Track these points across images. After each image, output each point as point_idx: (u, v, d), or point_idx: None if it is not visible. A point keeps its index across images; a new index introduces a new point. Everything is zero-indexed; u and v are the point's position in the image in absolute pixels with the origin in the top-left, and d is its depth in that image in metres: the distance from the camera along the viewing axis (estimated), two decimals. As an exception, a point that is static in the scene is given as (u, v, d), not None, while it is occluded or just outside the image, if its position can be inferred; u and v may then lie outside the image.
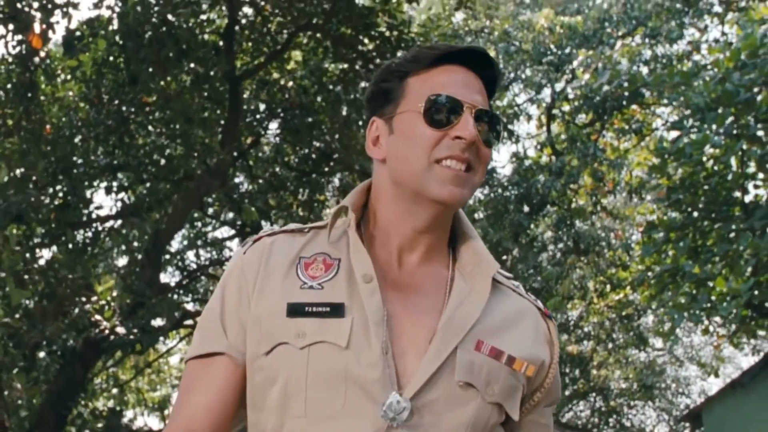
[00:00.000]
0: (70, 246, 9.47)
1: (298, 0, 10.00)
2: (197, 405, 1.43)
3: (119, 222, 10.88)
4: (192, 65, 9.62)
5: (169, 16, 8.98)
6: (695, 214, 9.62)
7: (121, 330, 8.07)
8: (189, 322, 13.20)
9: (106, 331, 8.12)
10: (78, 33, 8.72)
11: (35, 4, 7.99)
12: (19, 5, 7.96)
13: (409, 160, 1.42)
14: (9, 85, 8.88)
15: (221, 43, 10.29)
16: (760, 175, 9.44)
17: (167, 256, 13.00)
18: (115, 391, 15.93)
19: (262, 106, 11.74)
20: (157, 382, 19.17)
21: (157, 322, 9.68)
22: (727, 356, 22.27)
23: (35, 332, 7.07)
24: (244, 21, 10.58)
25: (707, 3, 14.57)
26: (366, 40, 10.11)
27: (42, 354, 8.14)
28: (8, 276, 6.08)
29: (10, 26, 8.02)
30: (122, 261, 12.80)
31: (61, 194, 9.85)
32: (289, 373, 1.36)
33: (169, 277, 13.79)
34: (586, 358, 19.10)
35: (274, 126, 12.12)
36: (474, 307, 1.42)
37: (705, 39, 15.20)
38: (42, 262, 8.80)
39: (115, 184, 10.85)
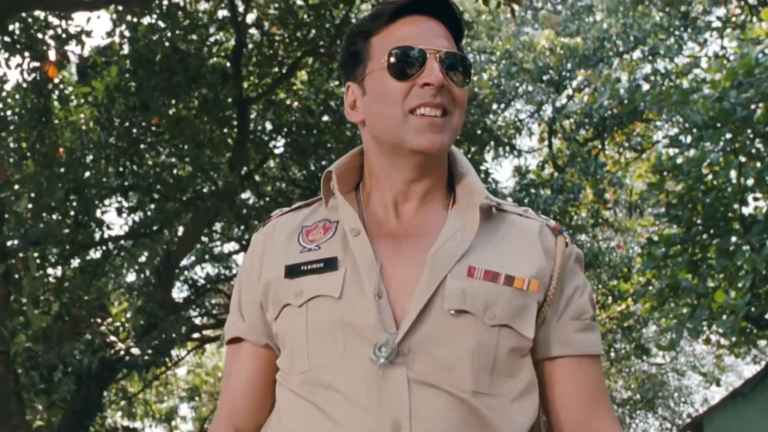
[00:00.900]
0: (83, 266, 9.64)
1: (303, 23, 10.18)
2: (235, 389, 1.51)
3: (130, 242, 11.05)
4: (201, 90, 9.78)
5: (179, 43, 9.17)
6: (694, 229, 9.66)
7: (135, 351, 8.24)
8: (196, 335, 13.40)
9: (121, 352, 8.30)
10: (91, 60, 8.90)
11: (50, 33, 8.17)
12: (33, 33, 8.16)
13: (384, 116, 1.42)
14: (24, 111, 9.05)
15: (228, 64, 10.48)
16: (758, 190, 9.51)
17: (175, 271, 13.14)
18: (123, 403, 16.05)
19: (268, 126, 11.91)
20: (165, 393, 19.30)
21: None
22: (729, 365, 22.30)
23: (52, 353, 7.23)
24: (251, 45, 10.75)
25: (705, 21, 14.66)
26: (370, 63, 10.22)
27: (56, 374, 8.29)
28: (29, 302, 6.25)
29: (26, 54, 8.19)
30: (131, 277, 12.96)
31: (72, 213, 10.01)
32: (293, 333, 1.39)
33: (177, 292, 13.95)
34: (588, 368, 19.07)
35: (280, 144, 12.28)
36: (464, 237, 1.41)
37: (704, 53, 15.29)
38: (52, 279, 8.95)
39: (125, 204, 11.02)
